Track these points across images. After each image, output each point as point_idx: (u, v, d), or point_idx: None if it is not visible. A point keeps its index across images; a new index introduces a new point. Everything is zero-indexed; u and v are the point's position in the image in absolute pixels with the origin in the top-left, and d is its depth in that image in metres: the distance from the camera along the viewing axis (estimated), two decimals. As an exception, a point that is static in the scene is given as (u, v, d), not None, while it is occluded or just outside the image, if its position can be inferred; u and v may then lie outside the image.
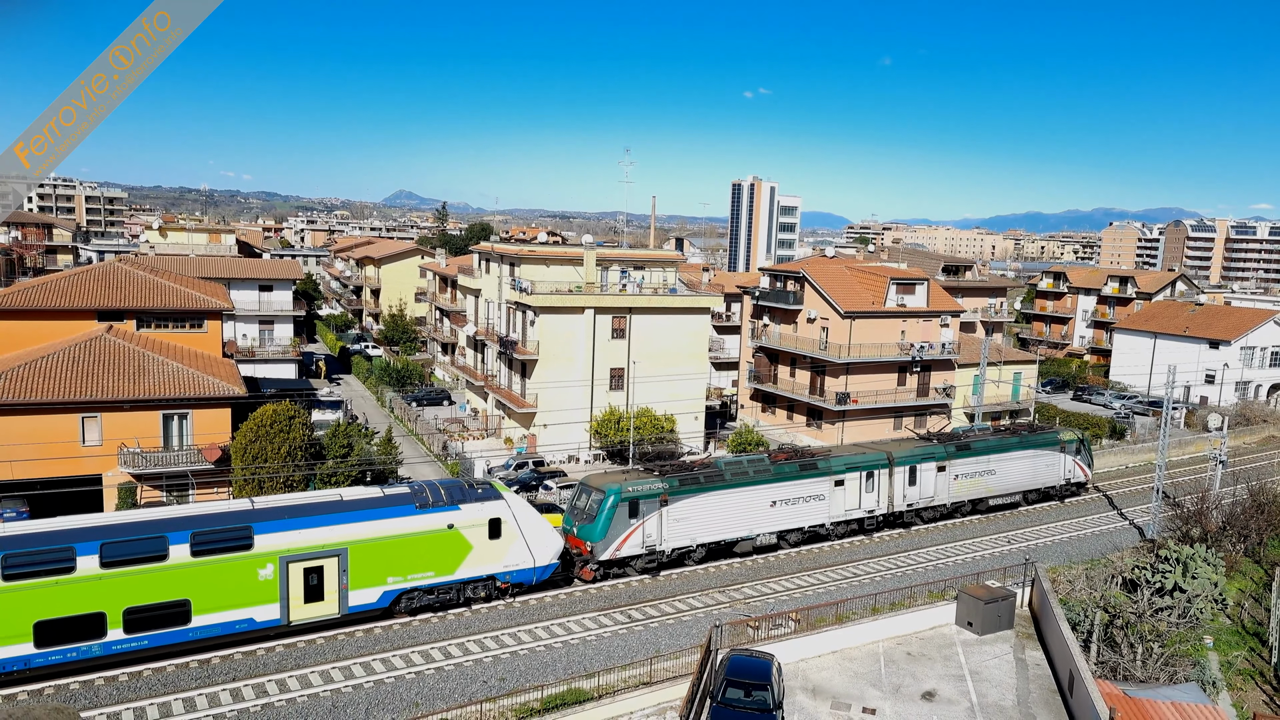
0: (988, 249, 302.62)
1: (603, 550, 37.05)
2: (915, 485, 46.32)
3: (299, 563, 30.52)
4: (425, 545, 32.70)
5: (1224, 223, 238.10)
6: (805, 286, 63.76)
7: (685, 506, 38.81)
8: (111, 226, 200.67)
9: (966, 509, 49.26)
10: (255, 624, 30.05)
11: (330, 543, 30.99)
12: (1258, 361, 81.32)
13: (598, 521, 36.95)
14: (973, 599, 28.85)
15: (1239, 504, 44.84)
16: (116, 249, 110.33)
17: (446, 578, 33.32)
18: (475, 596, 34.39)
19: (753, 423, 64.84)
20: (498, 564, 34.24)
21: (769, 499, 41.21)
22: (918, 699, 24.34)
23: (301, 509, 31.56)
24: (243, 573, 29.67)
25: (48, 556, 27.36)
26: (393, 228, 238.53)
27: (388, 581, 32.22)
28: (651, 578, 38.49)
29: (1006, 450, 49.88)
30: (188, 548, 28.99)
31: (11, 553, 26.92)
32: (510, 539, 34.35)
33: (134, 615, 28.10)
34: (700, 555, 40.10)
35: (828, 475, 43.06)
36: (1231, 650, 34.02)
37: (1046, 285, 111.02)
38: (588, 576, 37.32)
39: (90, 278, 49.45)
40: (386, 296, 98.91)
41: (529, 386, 56.09)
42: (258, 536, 30.06)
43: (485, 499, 34.37)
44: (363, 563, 31.54)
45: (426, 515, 32.85)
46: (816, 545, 43.32)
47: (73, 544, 27.72)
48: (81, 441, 39.72)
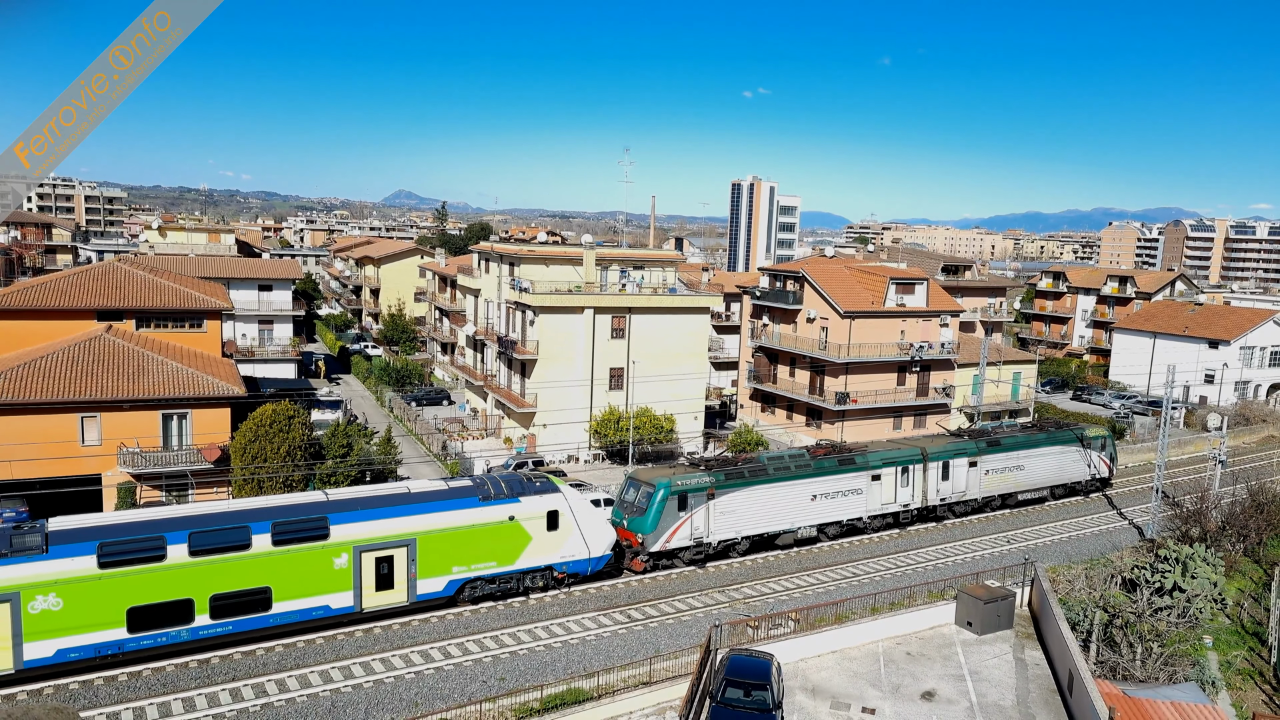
0: (987, 249, 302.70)
1: (653, 542, 38.07)
2: (948, 480, 47.40)
3: (371, 552, 31.67)
4: (488, 536, 33.90)
5: (1223, 222, 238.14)
6: (805, 286, 63.76)
7: (731, 500, 39.82)
8: (111, 226, 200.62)
9: (996, 504, 50.40)
10: (330, 611, 31.21)
11: (400, 533, 32.15)
12: (1257, 361, 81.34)
13: (648, 514, 37.94)
14: (972, 599, 28.85)
15: (1238, 504, 44.86)
16: (116, 249, 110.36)
17: (507, 568, 34.51)
18: (533, 586, 35.52)
19: (752, 422, 64.82)
20: (555, 555, 35.43)
21: (810, 493, 42.33)
22: (917, 699, 24.34)
23: (373, 501, 32.84)
24: (319, 562, 30.80)
25: (140, 546, 28.51)
26: (392, 227, 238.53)
27: (453, 571, 33.41)
28: (699, 568, 39.79)
29: (1035, 446, 50.88)
30: (269, 537, 30.11)
31: (106, 542, 28.04)
32: (567, 531, 35.51)
33: (219, 602, 29.26)
34: (745, 548, 41.16)
35: (865, 470, 44.16)
36: (1231, 650, 34.03)
37: (1046, 285, 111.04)
38: (638, 568, 38.34)
39: (90, 277, 49.43)
40: (386, 296, 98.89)
41: (528, 386, 56.09)
42: (333, 527, 31.16)
43: (544, 492, 35.59)
44: (430, 552, 32.72)
45: (489, 507, 34.11)
46: (817, 546, 43.37)
47: (163, 533, 28.88)
48: (81, 441, 39.70)
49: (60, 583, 27.13)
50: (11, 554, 26.90)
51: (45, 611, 26.91)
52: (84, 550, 27.68)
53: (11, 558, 26.84)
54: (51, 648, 27.15)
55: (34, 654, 26.90)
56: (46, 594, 26.96)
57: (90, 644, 27.64)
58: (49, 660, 27.19)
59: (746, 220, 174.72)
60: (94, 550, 27.79)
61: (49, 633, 27.02)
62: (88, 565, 27.54)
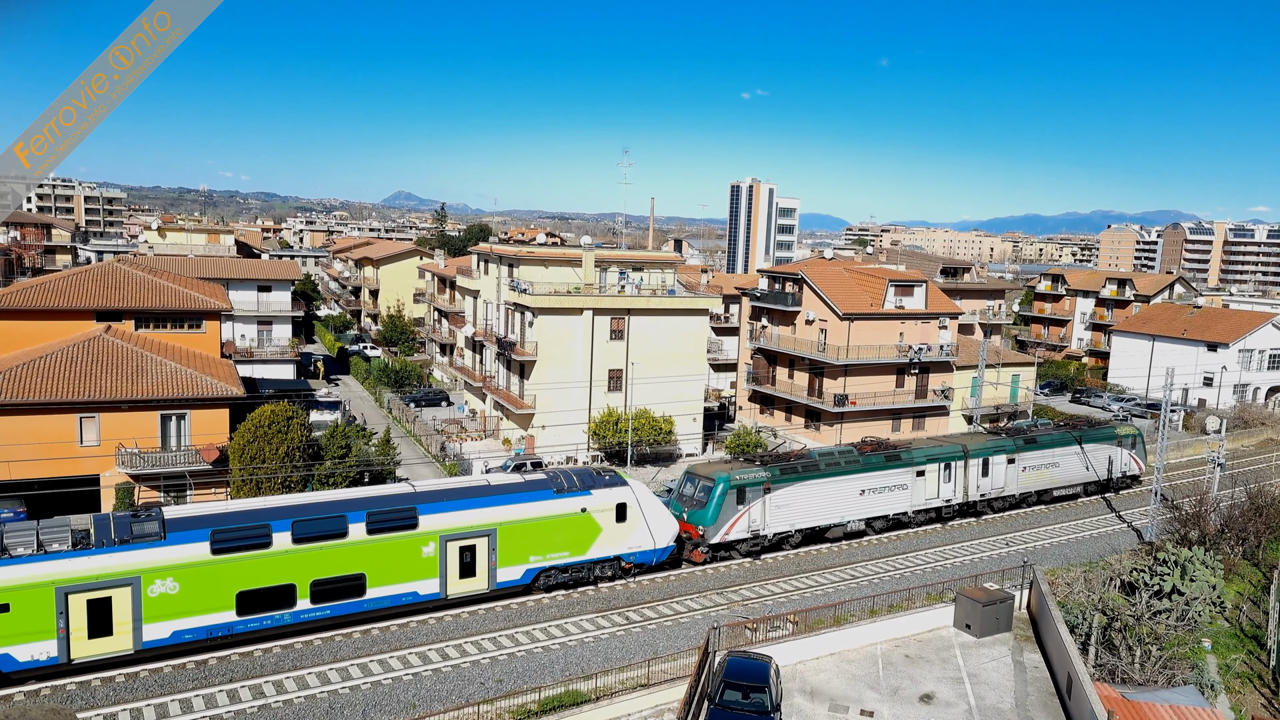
0: (986, 251, 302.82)
1: (713, 534, 39.41)
2: (988, 477, 48.81)
3: (455, 541, 33.16)
4: (561, 527, 35.33)
5: (1222, 225, 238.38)
6: (804, 288, 63.76)
7: (786, 494, 41.26)
8: (110, 227, 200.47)
9: (1032, 499, 51.78)
10: (419, 597, 32.69)
11: (482, 523, 33.66)
12: (1256, 364, 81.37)
13: (708, 507, 39.35)
14: (971, 601, 28.81)
15: (1237, 506, 44.82)
16: (115, 249, 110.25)
17: (579, 557, 35.92)
18: (603, 575, 36.89)
19: (751, 424, 64.79)
20: (623, 546, 36.84)
21: (859, 488, 43.72)
22: (916, 701, 24.31)
23: (458, 492, 34.42)
24: (409, 550, 32.27)
25: (248, 533, 29.92)
26: (391, 228, 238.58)
27: (529, 560, 34.82)
28: (754, 560, 41.14)
29: (1069, 444, 52.30)
30: (364, 526, 31.53)
31: (218, 529, 29.49)
32: (634, 523, 36.91)
33: (319, 587, 30.70)
34: (797, 540, 42.66)
35: (910, 466, 45.63)
36: (1230, 653, 34.00)
37: (1045, 287, 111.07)
38: (699, 559, 39.76)
39: (89, 278, 49.39)
40: (385, 297, 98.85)
41: (527, 387, 56.06)
42: (421, 517, 32.59)
43: (613, 485, 36.99)
44: (509, 542, 34.20)
45: (563, 500, 35.51)
46: (815, 546, 43.34)
47: (269, 522, 30.30)
48: (79, 442, 39.67)
49: (177, 568, 28.60)
50: (133, 540, 28.32)
51: (163, 595, 28.43)
52: (198, 537, 29.14)
53: (132, 544, 28.25)
54: (168, 629, 28.60)
55: (152, 635, 28.37)
56: (164, 578, 28.44)
57: (203, 626, 29.12)
58: (165, 641, 28.61)
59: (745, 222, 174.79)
60: (207, 537, 29.23)
61: (166, 615, 28.47)
62: (202, 551, 29.02)
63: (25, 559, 27.01)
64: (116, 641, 27.97)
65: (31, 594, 26.78)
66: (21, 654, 26.76)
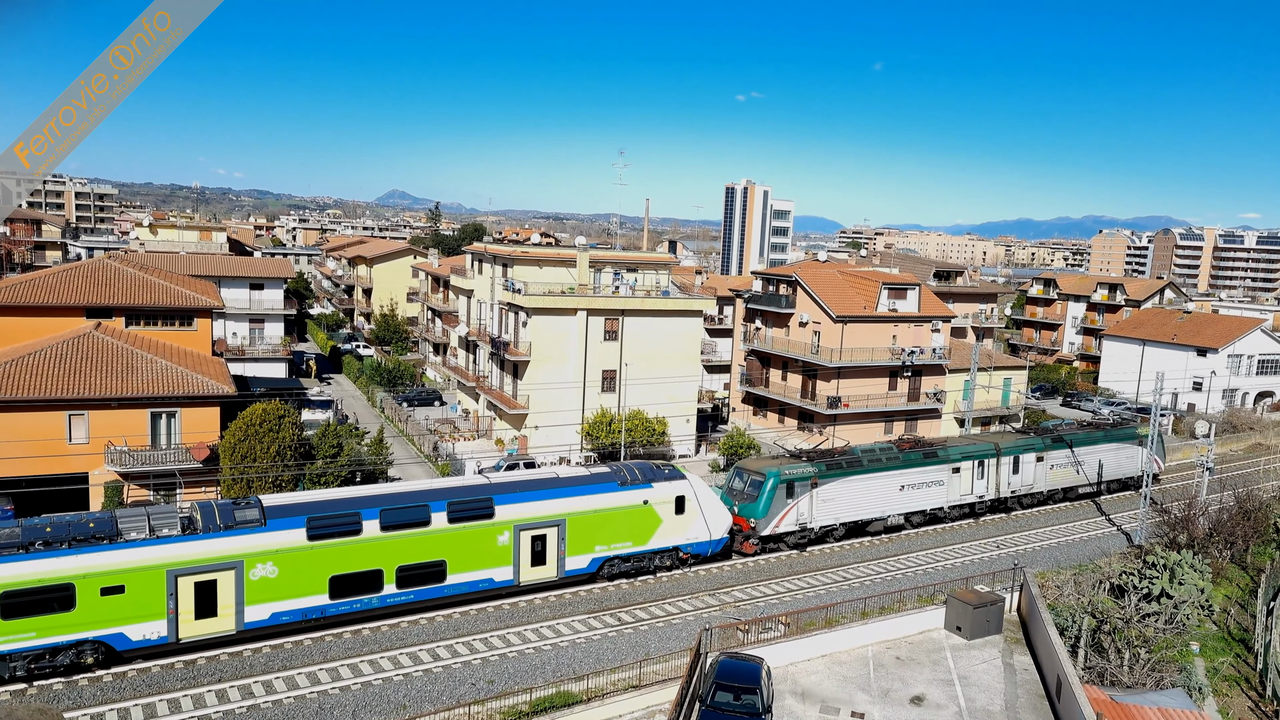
0: (979, 255, 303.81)
1: (764, 526, 40.92)
2: (1018, 474, 50.64)
3: (528, 531, 34.56)
4: (625, 518, 36.75)
5: (1212, 231, 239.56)
6: (797, 290, 63.86)
7: (832, 489, 42.89)
8: (101, 223, 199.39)
9: (1059, 496, 53.63)
10: (494, 583, 34.08)
11: (552, 514, 35.08)
12: (1245, 369, 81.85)
13: (759, 501, 40.79)
14: (961, 604, 28.89)
15: (1226, 510, 45.07)
16: (106, 246, 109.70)
17: (641, 548, 37.38)
18: (662, 565, 38.34)
19: (744, 426, 64.84)
20: (681, 537, 38.23)
21: (899, 483, 45.42)
22: (906, 703, 24.36)
23: (529, 484, 35.82)
24: (486, 538, 33.68)
25: (341, 520, 31.25)
26: (385, 227, 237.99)
27: (595, 549, 36.21)
28: (801, 552, 42.73)
29: (1094, 443, 54.24)
30: (445, 515, 32.96)
31: (314, 517, 30.81)
32: (692, 515, 38.29)
33: (404, 572, 32.03)
34: (841, 533, 44.25)
35: (946, 463, 47.30)
36: (1217, 656, 34.16)
37: (1037, 291, 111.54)
38: (749, 550, 41.20)
39: (79, 274, 49.10)
40: (378, 296, 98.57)
41: (521, 388, 55.98)
42: (497, 507, 34.00)
43: (673, 479, 38.35)
44: (577, 532, 35.60)
45: (627, 492, 36.90)
46: (817, 546, 43.42)
47: (359, 510, 31.60)
48: (68, 439, 39.41)
49: (276, 553, 29.85)
50: (236, 526, 29.55)
51: (263, 579, 29.69)
52: (295, 524, 30.38)
53: (236, 529, 29.50)
54: (267, 611, 29.84)
55: (253, 617, 29.64)
56: (265, 562, 29.69)
57: (299, 608, 30.39)
58: (264, 623, 29.87)
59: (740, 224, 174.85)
60: (304, 524, 30.49)
61: (265, 598, 29.76)
62: (298, 538, 30.27)
63: (139, 543, 28.18)
64: (220, 622, 29.17)
65: (145, 576, 27.94)
66: (134, 633, 27.93)
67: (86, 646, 27.36)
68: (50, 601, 26.66)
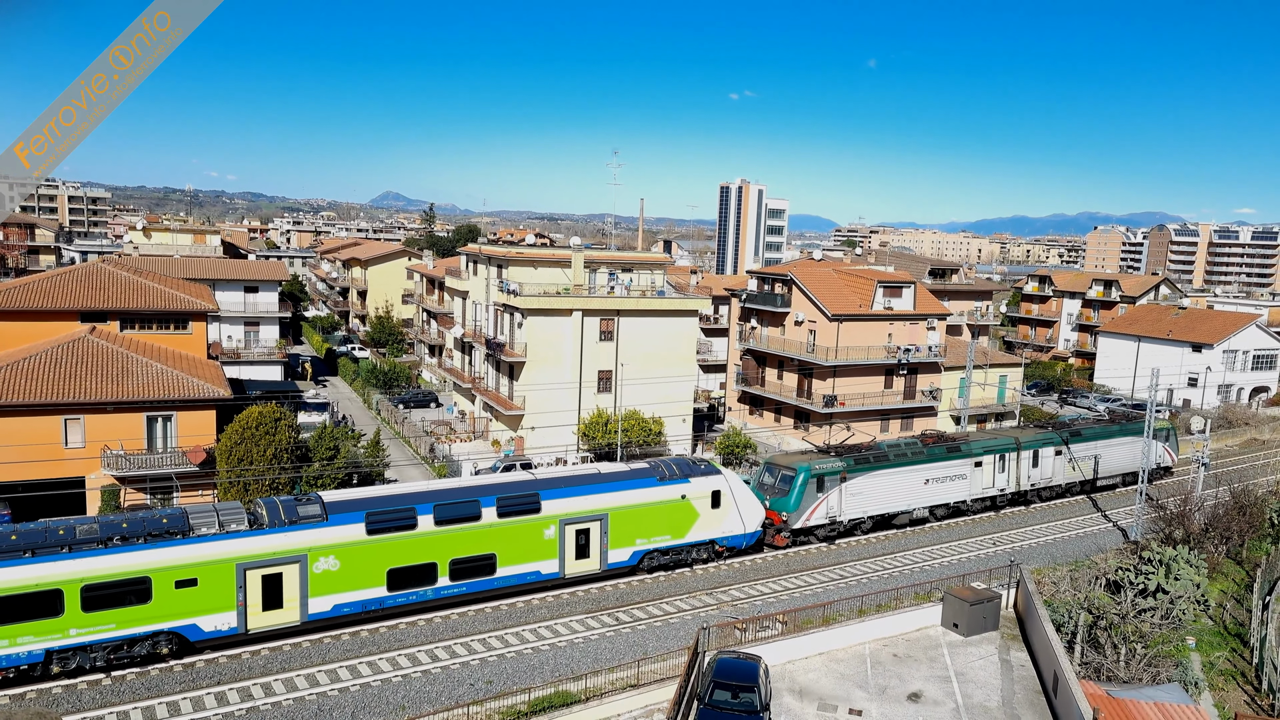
0: (974, 252, 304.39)
1: (795, 520, 41.89)
2: (1037, 467, 51.63)
3: (573, 525, 35.54)
4: (664, 513, 37.73)
5: (1207, 227, 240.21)
6: (793, 289, 63.93)
7: (860, 483, 43.88)
8: (95, 227, 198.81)
9: (1077, 489, 54.72)
10: (541, 576, 34.96)
11: (595, 509, 36.06)
12: (1240, 365, 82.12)
13: (790, 495, 41.69)
14: (958, 600, 28.98)
15: (1221, 506, 45.23)
16: (100, 249, 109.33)
17: (679, 541, 38.34)
18: (698, 558, 39.32)
19: (740, 425, 64.92)
20: (717, 530, 39.23)
21: (923, 477, 46.41)
22: (904, 700, 24.43)
23: (573, 480, 36.88)
24: (533, 532, 34.61)
25: (397, 516, 32.19)
26: (380, 229, 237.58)
27: (636, 543, 37.18)
28: (829, 545, 43.69)
29: (1110, 437, 55.30)
30: (495, 510, 33.94)
31: (372, 511, 31.79)
32: (727, 509, 39.30)
33: (457, 565, 33.07)
34: (868, 526, 45.24)
35: (969, 457, 48.16)
36: (1213, 651, 34.29)
37: (1032, 289, 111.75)
38: (781, 543, 42.15)
39: (73, 278, 48.99)
40: (373, 298, 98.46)
41: (516, 388, 55.97)
42: (544, 502, 34.95)
43: (709, 474, 39.32)
44: (619, 526, 36.56)
45: (665, 487, 37.93)
46: (815, 546, 43.49)
47: (414, 505, 32.60)
48: (64, 443, 39.34)
49: (337, 546, 30.82)
50: (300, 521, 30.49)
51: (325, 571, 30.62)
52: (355, 519, 31.35)
53: (300, 524, 30.44)
54: (329, 603, 30.80)
55: (316, 608, 30.63)
56: (327, 556, 30.64)
57: (359, 600, 31.28)
58: (327, 614, 30.86)
59: (735, 223, 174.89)
60: (363, 519, 31.45)
61: (328, 590, 30.71)
62: (358, 532, 31.23)
63: (211, 537, 29.08)
64: (286, 614, 30.11)
65: (216, 569, 28.88)
66: (206, 624, 28.88)
67: (162, 637, 28.29)
68: (128, 594, 27.62)
